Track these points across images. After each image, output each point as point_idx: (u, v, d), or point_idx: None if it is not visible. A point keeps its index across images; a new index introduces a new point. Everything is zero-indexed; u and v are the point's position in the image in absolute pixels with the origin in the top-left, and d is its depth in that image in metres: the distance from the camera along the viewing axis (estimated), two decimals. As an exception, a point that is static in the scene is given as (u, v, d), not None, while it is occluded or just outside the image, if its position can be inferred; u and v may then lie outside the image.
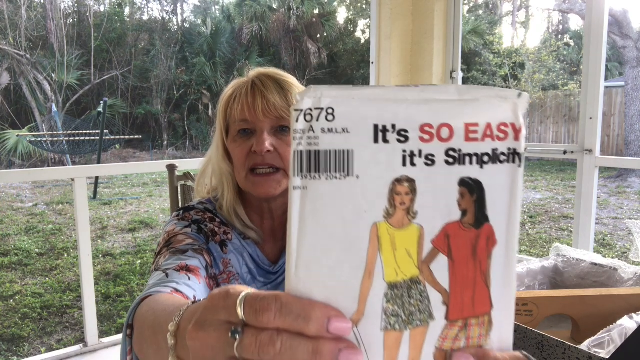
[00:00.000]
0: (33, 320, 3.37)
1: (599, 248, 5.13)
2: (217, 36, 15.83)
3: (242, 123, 0.82)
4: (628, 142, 9.49)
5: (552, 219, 6.44)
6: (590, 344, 0.72)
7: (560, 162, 11.26)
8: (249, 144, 0.82)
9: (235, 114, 0.83)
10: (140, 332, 0.56)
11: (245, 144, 0.82)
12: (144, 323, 0.56)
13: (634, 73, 9.20)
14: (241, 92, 0.83)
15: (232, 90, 0.86)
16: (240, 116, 0.82)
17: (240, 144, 0.83)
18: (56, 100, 13.62)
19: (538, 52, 14.10)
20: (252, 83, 0.83)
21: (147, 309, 0.58)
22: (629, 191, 8.19)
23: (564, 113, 11.67)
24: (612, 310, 0.91)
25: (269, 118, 0.81)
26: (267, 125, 0.82)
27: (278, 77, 0.84)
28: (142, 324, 0.57)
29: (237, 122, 0.83)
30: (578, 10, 10.46)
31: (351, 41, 18.34)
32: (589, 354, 0.68)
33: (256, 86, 0.82)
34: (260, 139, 0.80)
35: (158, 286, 0.67)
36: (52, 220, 6.50)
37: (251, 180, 0.83)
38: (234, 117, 0.83)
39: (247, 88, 0.82)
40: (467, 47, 14.71)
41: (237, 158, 0.84)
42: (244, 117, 0.82)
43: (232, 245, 0.89)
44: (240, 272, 0.90)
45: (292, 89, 0.83)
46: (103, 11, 16.28)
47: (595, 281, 1.10)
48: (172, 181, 1.33)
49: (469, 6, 17.97)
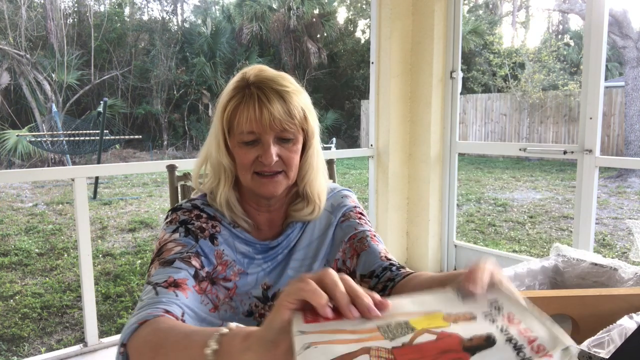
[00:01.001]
0: (33, 320, 3.37)
1: (599, 248, 5.13)
2: (217, 36, 15.82)
3: (249, 135, 0.87)
4: (628, 142, 9.48)
5: (552, 219, 6.44)
6: (590, 344, 0.71)
7: (560, 162, 11.26)
8: (255, 152, 0.88)
9: (241, 124, 0.87)
10: (141, 354, 0.66)
11: (251, 152, 0.88)
12: (145, 346, 0.65)
13: (634, 73, 9.20)
14: (247, 105, 0.86)
15: (236, 99, 0.88)
16: (247, 128, 0.86)
17: (246, 151, 0.88)
18: (56, 100, 13.61)
19: (538, 52, 14.09)
20: (257, 97, 0.86)
21: (148, 332, 0.67)
22: (629, 191, 8.19)
23: (564, 113, 11.66)
24: (612, 310, 0.91)
25: (274, 130, 0.87)
26: (272, 136, 0.87)
27: (279, 87, 0.87)
28: (142, 348, 0.66)
29: (244, 132, 0.87)
30: (578, 10, 10.46)
31: (351, 41, 18.34)
32: (588, 354, 0.68)
33: (262, 101, 0.85)
34: (268, 152, 0.86)
35: (150, 307, 0.74)
36: (52, 220, 6.50)
37: (257, 182, 0.90)
38: (240, 127, 0.87)
39: (254, 103, 0.85)
40: (467, 47, 14.71)
41: (244, 163, 0.89)
42: (251, 130, 0.86)
43: (222, 236, 0.94)
44: (236, 258, 0.94)
45: (292, 99, 0.87)
46: (103, 11, 16.27)
47: (595, 281, 1.10)
48: (172, 181, 1.33)
49: (469, 6, 17.97)
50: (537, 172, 10.35)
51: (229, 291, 0.93)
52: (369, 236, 0.96)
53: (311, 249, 0.98)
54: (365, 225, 0.99)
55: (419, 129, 3.53)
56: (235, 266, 0.94)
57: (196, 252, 0.89)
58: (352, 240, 0.96)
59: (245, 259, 0.95)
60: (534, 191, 8.35)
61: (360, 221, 0.99)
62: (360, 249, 0.94)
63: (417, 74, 3.51)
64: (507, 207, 7.17)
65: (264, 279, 0.96)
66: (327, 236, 0.99)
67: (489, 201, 7.62)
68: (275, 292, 0.95)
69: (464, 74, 3.56)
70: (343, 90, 17.22)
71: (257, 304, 0.94)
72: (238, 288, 0.93)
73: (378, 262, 0.91)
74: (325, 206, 1.01)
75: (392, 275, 0.87)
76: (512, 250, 5.15)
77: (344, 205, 1.02)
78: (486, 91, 14.85)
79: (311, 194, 0.96)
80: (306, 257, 0.98)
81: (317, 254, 0.98)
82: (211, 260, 0.91)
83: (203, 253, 0.91)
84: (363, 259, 0.93)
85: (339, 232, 0.99)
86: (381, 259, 0.91)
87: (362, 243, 0.95)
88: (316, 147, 0.95)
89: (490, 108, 13.00)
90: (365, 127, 15.20)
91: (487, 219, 6.52)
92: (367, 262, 0.92)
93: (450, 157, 3.50)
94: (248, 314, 0.93)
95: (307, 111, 0.91)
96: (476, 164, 11.95)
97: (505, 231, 5.93)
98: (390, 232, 3.60)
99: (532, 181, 9.34)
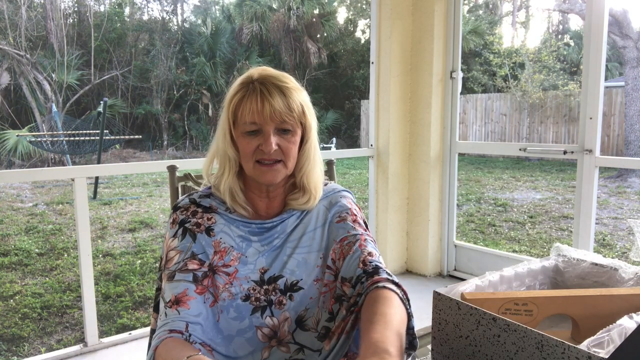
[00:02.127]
0: (33, 320, 3.37)
1: (599, 248, 5.13)
2: (217, 36, 15.83)
3: (251, 125, 0.96)
4: (628, 142, 9.49)
5: (552, 219, 6.44)
6: (590, 344, 0.72)
7: (560, 162, 11.26)
8: (257, 141, 0.96)
9: (244, 115, 0.96)
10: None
11: (254, 141, 0.96)
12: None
13: (634, 73, 9.21)
14: (250, 98, 0.95)
15: (241, 92, 0.97)
16: (250, 119, 0.95)
17: (249, 141, 0.97)
18: (56, 100, 13.62)
19: (538, 52, 14.10)
20: (260, 91, 0.95)
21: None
22: (629, 191, 8.19)
23: (564, 113, 11.67)
24: (612, 310, 0.92)
25: (274, 122, 0.95)
26: (272, 127, 0.96)
27: (280, 84, 0.96)
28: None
29: (247, 123, 0.96)
30: (578, 10, 10.46)
31: (351, 41, 18.35)
32: (588, 354, 0.68)
33: (264, 95, 0.94)
34: (268, 141, 0.95)
35: (159, 330, 0.90)
36: (52, 220, 6.50)
37: (258, 170, 0.98)
38: (244, 117, 0.96)
39: (257, 96, 0.95)
40: (467, 47, 14.71)
41: (246, 151, 0.98)
42: (253, 120, 0.95)
43: (217, 226, 1.02)
44: (234, 243, 1.01)
45: (292, 94, 0.97)
46: (103, 11, 16.28)
47: (595, 281, 1.10)
48: (172, 182, 1.33)
49: (469, 6, 17.97)
50: (537, 172, 10.35)
51: (229, 276, 0.99)
52: (359, 240, 1.01)
53: (306, 240, 1.04)
54: (359, 229, 1.04)
55: (419, 129, 3.53)
56: (233, 251, 1.00)
57: (192, 254, 0.98)
58: (342, 243, 1.02)
59: (243, 242, 1.02)
60: (534, 191, 8.35)
61: (354, 224, 1.04)
62: (346, 253, 1.00)
63: (417, 74, 3.51)
64: (507, 207, 7.17)
65: (262, 264, 1.01)
66: (322, 231, 1.05)
67: (489, 201, 7.62)
68: (271, 276, 1.00)
69: (464, 74, 3.56)
70: (343, 90, 17.22)
71: (254, 287, 0.99)
72: (238, 272, 0.99)
73: (355, 269, 0.96)
74: (324, 203, 1.08)
75: (361, 289, 0.93)
76: (512, 250, 5.16)
77: (341, 205, 1.08)
78: (486, 91, 14.85)
79: (307, 185, 1.03)
80: (301, 245, 1.03)
81: (312, 246, 1.03)
82: (209, 252, 0.99)
83: (201, 249, 0.99)
84: (345, 263, 0.99)
85: (333, 231, 1.04)
86: (358, 266, 0.96)
87: (349, 247, 1.00)
88: (314, 141, 1.03)
89: (490, 108, 13.00)
90: (365, 127, 15.21)
91: (487, 219, 6.52)
92: (347, 267, 0.98)
93: (450, 157, 3.51)
94: (245, 298, 0.98)
95: (306, 107, 0.99)
96: (476, 164, 11.96)
97: (505, 231, 5.93)
98: (390, 232, 3.60)
99: (532, 181, 9.34)
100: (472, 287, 0.98)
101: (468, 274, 3.52)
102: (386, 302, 0.86)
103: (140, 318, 3.34)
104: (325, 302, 1.00)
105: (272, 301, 0.98)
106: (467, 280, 1.00)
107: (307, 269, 1.01)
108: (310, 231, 1.04)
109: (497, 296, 0.92)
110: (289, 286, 1.00)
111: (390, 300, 0.86)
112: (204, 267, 0.97)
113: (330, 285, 1.00)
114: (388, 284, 0.90)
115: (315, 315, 0.99)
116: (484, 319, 0.83)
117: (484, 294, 0.94)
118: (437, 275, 3.63)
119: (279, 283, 0.99)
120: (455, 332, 0.89)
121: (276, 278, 1.00)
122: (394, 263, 3.65)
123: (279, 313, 0.98)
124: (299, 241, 1.03)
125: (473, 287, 0.98)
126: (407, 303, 0.90)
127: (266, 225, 1.03)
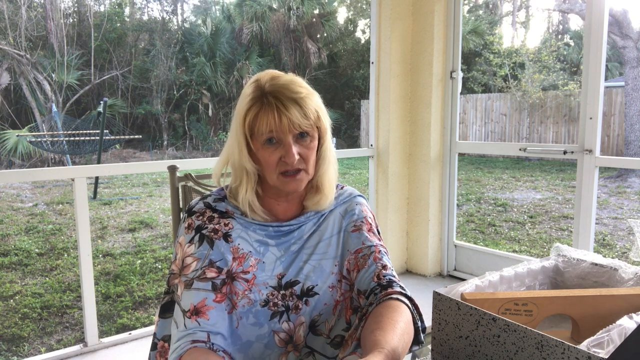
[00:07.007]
0: (33, 320, 3.37)
1: (599, 248, 5.13)
2: (217, 36, 15.82)
3: (269, 133, 0.95)
4: (628, 142, 9.48)
5: (552, 219, 6.44)
6: (590, 344, 0.72)
7: (560, 162, 11.26)
8: (278, 153, 0.96)
9: (261, 128, 0.95)
10: None
11: (275, 153, 0.96)
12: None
13: (634, 73, 9.20)
14: (267, 113, 0.94)
15: (255, 107, 0.96)
16: (268, 133, 0.95)
17: (270, 153, 0.96)
18: (56, 100, 13.61)
19: (538, 52, 14.09)
20: (275, 106, 0.94)
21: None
22: (629, 191, 8.19)
23: (564, 113, 11.66)
24: (612, 310, 0.92)
25: (292, 132, 0.95)
26: (291, 137, 0.96)
27: (295, 95, 0.95)
28: None
29: (264, 134, 0.95)
30: (578, 10, 10.46)
31: (351, 41, 18.34)
32: (588, 354, 0.68)
33: (280, 109, 0.94)
34: (290, 152, 0.95)
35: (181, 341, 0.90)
36: (52, 220, 6.50)
37: (282, 181, 0.98)
38: (261, 130, 0.95)
39: (273, 111, 0.94)
40: (467, 47, 14.71)
41: (269, 164, 0.97)
42: (271, 132, 0.95)
43: (235, 232, 1.01)
44: (252, 248, 1.01)
45: (307, 103, 0.96)
46: (103, 11, 16.28)
47: (595, 281, 1.10)
48: (173, 182, 1.33)
49: (469, 6, 17.97)
50: (537, 172, 10.34)
51: (248, 282, 0.99)
52: (373, 252, 1.02)
53: (322, 247, 1.05)
54: (373, 239, 1.05)
55: (419, 129, 3.53)
56: (252, 257, 1.00)
57: (210, 261, 0.97)
58: (357, 254, 1.03)
59: (261, 246, 1.02)
60: (534, 191, 8.35)
61: (369, 234, 1.06)
62: (361, 266, 1.01)
63: (417, 74, 3.51)
64: (507, 207, 7.17)
65: (279, 269, 1.02)
66: (338, 239, 1.06)
67: (489, 201, 7.62)
68: (288, 281, 1.01)
69: (464, 74, 3.56)
70: (343, 90, 17.21)
71: (272, 292, 1.00)
72: (257, 278, 0.99)
73: (369, 283, 0.98)
74: (340, 210, 1.09)
75: (373, 300, 0.95)
76: (512, 250, 5.15)
77: (356, 213, 1.09)
78: (486, 91, 14.84)
79: (322, 185, 1.04)
80: (316, 252, 1.04)
81: (327, 253, 1.04)
82: (227, 258, 0.99)
83: (219, 256, 0.98)
84: (360, 276, 1.00)
85: (349, 241, 1.06)
86: (372, 279, 0.98)
87: (364, 260, 1.02)
88: (328, 142, 1.04)
89: (490, 108, 13.00)
90: (365, 127, 15.20)
91: (487, 219, 6.52)
92: (362, 280, 1.00)
93: (450, 157, 3.50)
94: (265, 303, 0.99)
95: (320, 111, 1.00)
96: (476, 164, 11.95)
97: (505, 231, 5.93)
98: (390, 232, 3.60)
99: (532, 181, 9.34)
100: (472, 287, 0.98)
101: (468, 274, 3.52)
102: (394, 310, 0.88)
103: (140, 318, 3.34)
104: (342, 311, 1.02)
105: (289, 306, 0.99)
106: (467, 281, 1.00)
107: (322, 274, 1.02)
108: (327, 238, 1.05)
109: (497, 296, 0.92)
110: (305, 291, 1.01)
111: (398, 309, 0.89)
112: (222, 274, 0.97)
113: (345, 294, 1.02)
114: (401, 296, 0.92)
115: (329, 321, 1.01)
116: (483, 319, 0.83)
117: (484, 294, 0.94)
118: (437, 275, 3.63)
119: (296, 288, 1.00)
120: (455, 332, 0.89)
121: (293, 283, 1.01)
122: (394, 263, 3.65)
123: (295, 318, 0.99)
124: (315, 248, 1.04)
125: (473, 287, 0.98)
126: (419, 318, 0.93)
127: (283, 228, 1.04)
